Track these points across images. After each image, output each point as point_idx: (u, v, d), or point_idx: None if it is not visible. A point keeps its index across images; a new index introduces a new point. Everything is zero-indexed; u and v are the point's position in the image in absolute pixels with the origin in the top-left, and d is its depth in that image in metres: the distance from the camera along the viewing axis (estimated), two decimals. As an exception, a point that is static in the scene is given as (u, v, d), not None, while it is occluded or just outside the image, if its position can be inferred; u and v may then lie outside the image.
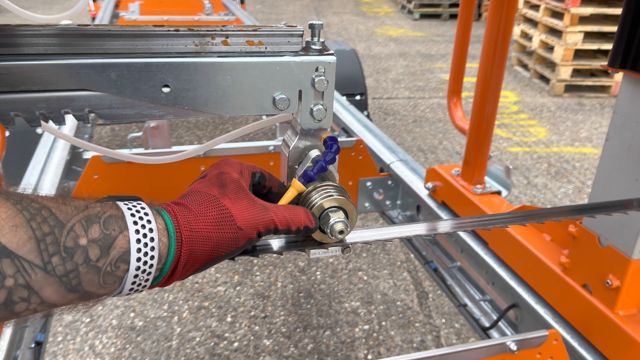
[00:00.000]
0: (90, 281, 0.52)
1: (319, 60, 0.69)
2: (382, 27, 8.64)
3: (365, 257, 2.87)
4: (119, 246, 0.53)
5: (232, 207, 0.62)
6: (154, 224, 0.56)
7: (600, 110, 5.04)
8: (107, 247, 0.52)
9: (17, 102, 0.59)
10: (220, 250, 0.60)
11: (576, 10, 5.07)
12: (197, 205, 0.61)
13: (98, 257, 0.52)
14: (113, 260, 0.53)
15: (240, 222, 0.61)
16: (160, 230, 0.57)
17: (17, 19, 5.47)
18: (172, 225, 0.58)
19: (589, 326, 1.18)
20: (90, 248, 0.51)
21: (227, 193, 0.63)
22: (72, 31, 0.59)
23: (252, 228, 0.62)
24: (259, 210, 0.64)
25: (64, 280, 0.51)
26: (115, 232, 0.53)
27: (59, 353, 2.17)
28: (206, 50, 0.65)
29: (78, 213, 0.52)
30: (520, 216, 0.89)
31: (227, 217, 0.61)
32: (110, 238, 0.53)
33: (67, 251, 0.50)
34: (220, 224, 0.60)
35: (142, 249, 0.55)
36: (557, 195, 3.50)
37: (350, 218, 0.71)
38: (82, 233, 0.51)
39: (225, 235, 0.60)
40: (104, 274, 0.53)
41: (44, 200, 0.51)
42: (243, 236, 0.61)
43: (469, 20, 1.73)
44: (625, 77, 1.08)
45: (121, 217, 0.55)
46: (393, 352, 2.23)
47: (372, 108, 4.95)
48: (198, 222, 0.59)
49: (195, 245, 0.58)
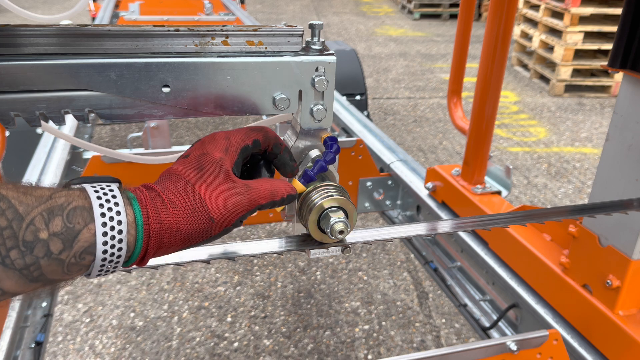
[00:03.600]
0: (53, 272, 0.51)
1: (319, 60, 0.69)
2: (382, 27, 8.63)
3: (365, 257, 2.87)
4: (83, 239, 0.51)
5: (207, 195, 0.59)
6: (124, 216, 0.54)
7: (600, 110, 5.04)
8: (70, 241, 0.50)
9: (17, 102, 0.59)
10: (191, 241, 0.59)
11: (576, 10, 5.06)
12: (169, 194, 0.58)
13: (60, 250, 0.50)
14: (77, 252, 0.51)
15: (214, 211, 0.59)
16: (129, 223, 0.55)
17: (17, 19, 5.47)
18: (141, 218, 0.55)
19: (589, 326, 1.18)
20: (51, 242, 0.50)
21: (205, 177, 0.60)
22: (72, 31, 0.59)
23: (228, 216, 0.60)
24: (238, 194, 0.61)
25: (25, 273, 0.49)
26: (80, 225, 0.51)
27: (59, 353, 2.17)
28: (206, 50, 0.65)
29: (39, 205, 0.50)
30: (520, 216, 0.89)
31: (199, 208, 0.58)
32: (74, 231, 0.51)
33: (27, 245, 0.48)
34: (191, 215, 0.58)
35: (109, 241, 0.53)
36: (557, 195, 3.50)
37: (350, 218, 0.71)
38: (43, 226, 0.49)
39: (197, 227, 0.58)
40: (68, 265, 0.51)
41: (4, 190, 0.49)
42: (216, 227, 0.59)
43: (469, 20, 1.73)
44: (625, 77, 1.08)
45: (87, 209, 0.52)
46: (393, 352, 2.23)
47: (372, 108, 4.95)
48: (169, 213, 0.57)
49: (165, 236, 0.57)
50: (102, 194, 0.54)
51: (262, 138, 0.67)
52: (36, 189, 0.51)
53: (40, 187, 0.52)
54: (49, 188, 0.52)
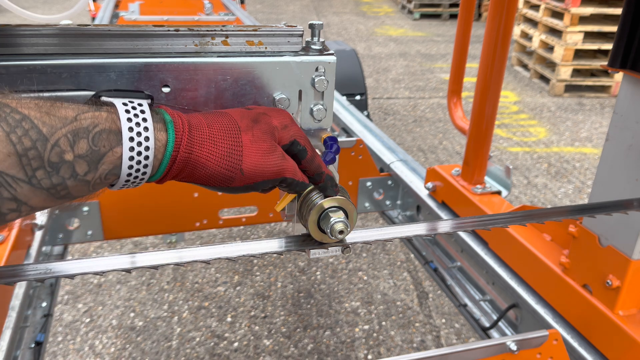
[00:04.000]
0: (79, 191, 0.51)
1: (319, 60, 0.69)
2: (382, 27, 8.63)
3: (365, 257, 2.87)
4: (108, 162, 0.51)
5: (247, 146, 0.59)
6: (152, 141, 0.53)
7: (600, 110, 5.04)
8: (95, 163, 0.50)
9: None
10: (211, 182, 0.59)
11: (576, 10, 5.06)
12: (214, 130, 0.58)
13: (86, 172, 0.50)
14: (102, 174, 0.51)
15: (246, 164, 0.59)
16: (158, 148, 0.54)
17: (17, 19, 5.47)
18: (173, 145, 0.55)
19: (589, 326, 1.18)
20: (76, 163, 0.49)
21: (254, 130, 0.60)
22: (72, 31, 0.59)
23: (255, 175, 0.60)
24: (275, 159, 0.61)
25: (52, 192, 0.49)
26: (105, 148, 0.51)
27: (59, 353, 2.17)
28: (206, 50, 0.65)
29: (64, 126, 0.49)
30: (520, 216, 0.89)
31: (235, 155, 0.58)
32: (99, 154, 0.50)
33: (52, 165, 0.48)
34: (224, 158, 0.58)
35: (135, 165, 0.53)
36: (557, 195, 3.50)
37: (350, 218, 0.71)
38: (68, 148, 0.49)
39: (224, 172, 0.58)
40: (93, 184, 0.52)
41: (26, 109, 0.48)
42: (240, 180, 0.59)
43: (469, 20, 1.73)
44: (625, 77, 1.08)
45: (115, 132, 0.51)
46: (393, 352, 2.23)
47: (372, 108, 4.95)
48: (203, 146, 0.57)
49: (187, 167, 0.57)
50: (132, 115, 0.53)
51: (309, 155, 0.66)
52: (60, 108, 0.50)
53: (65, 105, 0.50)
54: (74, 107, 0.51)
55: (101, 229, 1.65)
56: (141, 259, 0.69)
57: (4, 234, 1.27)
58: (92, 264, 0.67)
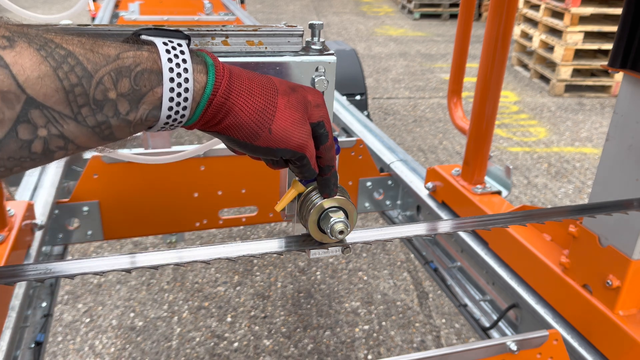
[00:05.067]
0: (121, 131, 0.52)
1: (319, 60, 0.69)
2: (382, 27, 8.63)
3: (365, 257, 2.87)
4: (148, 102, 0.52)
5: (281, 109, 0.60)
6: (191, 83, 0.54)
7: (601, 110, 5.04)
8: (136, 102, 0.51)
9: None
10: (238, 133, 0.59)
11: (576, 10, 5.06)
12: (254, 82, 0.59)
13: (128, 111, 0.51)
14: (143, 114, 0.52)
15: (275, 125, 0.59)
16: (197, 90, 0.55)
17: (17, 19, 5.46)
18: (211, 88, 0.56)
19: (589, 326, 1.18)
20: (119, 102, 0.50)
21: (290, 97, 0.61)
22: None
23: (281, 139, 0.60)
24: (302, 132, 0.62)
25: (97, 131, 0.50)
26: (146, 87, 0.51)
27: (59, 353, 2.17)
28: (206, 50, 0.65)
29: (107, 64, 0.49)
30: (521, 216, 0.89)
31: (268, 112, 0.59)
32: (140, 94, 0.51)
33: (97, 103, 0.49)
34: (256, 112, 0.58)
35: (174, 107, 0.53)
36: (557, 195, 3.50)
37: (350, 218, 0.71)
38: (111, 86, 0.49)
39: (252, 124, 0.58)
40: (135, 125, 0.52)
41: (70, 45, 0.48)
42: (266, 138, 0.60)
43: (469, 20, 1.73)
44: (626, 77, 1.08)
45: (156, 72, 0.52)
46: (393, 352, 2.23)
47: (372, 108, 4.95)
48: (240, 95, 0.57)
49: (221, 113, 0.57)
50: (173, 55, 0.53)
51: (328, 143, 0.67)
52: (102, 46, 0.50)
53: (106, 43, 0.51)
54: (116, 45, 0.51)
55: (101, 229, 1.65)
56: (141, 259, 0.69)
57: (4, 234, 1.27)
58: (92, 264, 0.67)
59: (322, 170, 0.68)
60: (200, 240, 2.89)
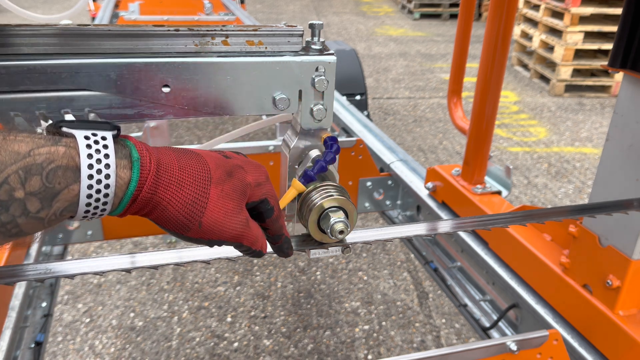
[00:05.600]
0: (32, 228, 0.49)
1: (319, 60, 0.69)
2: (382, 27, 8.63)
3: (365, 257, 2.87)
4: (63, 199, 0.49)
5: (213, 201, 0.57)
6: (113, 179, 0.50)
7: (601, 110, 5.04)
8: (49, 200, 0.48)
9: (17, 102, 0.59)
10: (167, 225, 0.56)
11: (576, 10, 5.06)
12: (184, 174, 0.56)
13: (39, 210, 0.48)
14: (57, 211, 0.49)
15: (206, 218, 0.57)
16: (119, 186, 0.52)
17: (17, 19, 5.46)
18: (135, 185, 0.53)
19: (589, 326, 1.18)
20: (28, 201, 0.47)
21: (225, 185, 0.58)
22: (72, 31, 0.59)
23: (212, 232, 0.58)
24: (237, 223, 0.59)
25: (2, 230, 0.47)
26: (61, 185, 0.48)
27: (58, 353, 2.17)
28: (206, 50, 0.65)
29: (15, 162, 0.46)
30: (521, 216, 0.89)
31: (198, 206, 0.56)
32: (54, 191, 0.48)
33: (1, 204, 0.46)
34: (186, 207, 0.56)
35: (93, 203, 0.50)
36: (557, 195, 3.50)
37: (350, 218, 0.71)
38: (18, 185, 0.46)
39: (182, 220, 0.56)
40: (48, 221, 0.49)
41: None
42: (195, 232, 0.57)
43: (469, 20, 1.73)
44: (626, 77, 1.08)
45: (72, 169, 0.49)
46: (393, 352, 2.23)
47: (372, 108, 4.95)
48: (168, 189, 0.54)
49: (148, 207, 0.55)
50: (94, 150, 0.50)
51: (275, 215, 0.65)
52: (13, 142, 0.47)
53: (19, 138, 0.47)
54: (29, 140, 0.48)
55: (101, 229, 1.65)
56: (141, 259, 0.69)
57: (4, 234, 1.26)
58: (92, 264, 0.67)
59: (273, 240, 0.68)
60: (200, 240, 2.89)
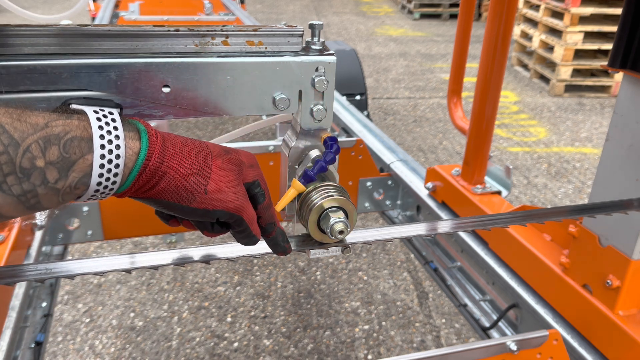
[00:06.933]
0: (49, 200, 0.51)
1: (319, 60, 0.69)
2: (382, 27, 8.63)
3: (365, 257, 2.87)
4: (78, 169, 0.51)
5: (216, 171, 0.60)
6: (123, 149, 0.53)
7: (601, 110, 5.04)
8: (66, 170, 0.50)
9: (17, 102, 0.59)
10: (173, 196, 0.58)
11: (576, 10, 5.06)
12: (188, 147, 0.60)
13: (57, 180, 0.50)
14: (73, 182, 0.51)
15: (211, 186, 0.60)
16: (129, 156, 0.55)
17: (17, 19, 5.46)
18: (145, 154, 0.55)
19: (589, 326, 1.18)
20: (47, 170, 0.49)
21: (225, 159, 0.62)
22: (72, 31, 0.59)
23: (217, 201, 0.60)
24: (237, 192, 0.62)
25: (22, 200, 0.49)
26: (76, 155, 0.51)
27: (59, 353, 2.17)
28: (206, 50, 0.65)
29: (35, 132, 0.49)
30: (520, 216, 0.89)
31: (203, 173, 0.59)
32: (70, 161, 0.51)
33: (24, 171, 0.48)
34: (191, 174, 0.58)
35: (105, 174, 0.53)
36: (557, 195, 3.50)
37: (350, 218, 0.71)
38: (39, 154, 0.49)
39: (187, 186, 0.58)
40: (64, 194, 0.52)
41: None
42: (202, 200, 0.59)
43: (469, 20, 1.73)
44: (626, 77, 1.08)
45: (86, 139, 0.52)
46: (393, 352, 2.23)
47: (372, 108, 4.95)
48: (174, 159, 0.57)
49: (155, 177, 0.57)
50: (104, 123, 0.53)
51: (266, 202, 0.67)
52: (30, 115, 0.50)
53: (35, 113, 0.51)
54: (44, 114, 0.51)
55: (101, 229, 1.65)
56: (141, 259, 0.69)
57: (4, 234, 1.27)
58: (92, 264, 0.67)
59: (265, 230, 0.69)
60: (200, 240, 2.89)
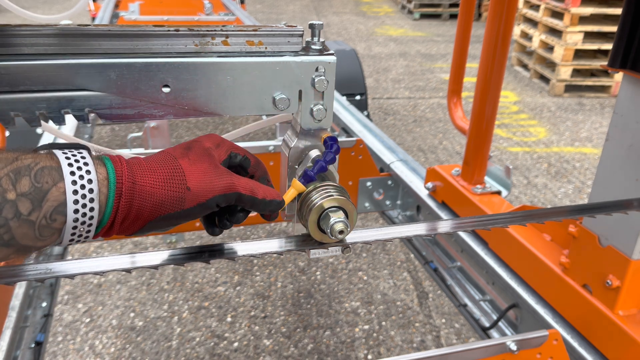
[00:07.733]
0: (24, 235, 0.51)
1: (319, 60, 0.69)
2: (382, 27, 8.63)
3: (365, 257, 2.87)
4: (52, 198, 0.51)
5: (187, 168, 0.60)
6: (94, 174, 0.53)
7: (600, 110, 5.04)
8: (39, 200, 0.50)
9: (17, 102, 0.59)
10: (164, 209, 0.58)
11: (576, 10, 5.06)
12: (151, 162, 0.59)
13: (30, 211, 0.50)
14: (47, 212, 0.51)
15: (191, 182, 0.59)
16: (101, 181, 0.54)
17: (17, 19, 5.46)
18: (114, 176, 0.55)
19: (589, 326, 1.18)
20: (19, 202, 0.49)
21: (189, 155, 0.62)
22: (72, 31, 0.59)
23: (204, 191, 0.60)
24: (218, 175, 0.62)
25: None
26: (48, 184, 0.51)
27: (59, 353, 2.17)
28: (206, 50, 0.65)
29: (5, 166, 0.49)
30: (520, 216, 0.89)
31: (177, 175, 0.59)
32: (42, 191, 0.50)
33: None
34: (168, 181, 0.58)
35: (80, 200, 0.52)
36: (557, 195, 3.50)
37: (350, 218, 0.71)
38: (10, 187, 0.49)
39: (170, 193, 0.58)
40: (40, 227, 0.51)
41: None
42: (191, 198, 0.59)
43: (469, 20, 1.73)
44: (625, 77, 1.08)
45: (56, 168, 0.52)
46: (393, 352, 2.23)
47: (372, 108, 4.95)
48: (144, 176, 0.57)
49: (136, 199, 0.56)
50: (70, 155, 0.54)
51: (254, 162, 0.69)
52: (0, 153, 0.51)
53: (4, 151, 0.51)
54: (14, 151, 0.52)
55: (101, 229, 1.64)
56: (141, 259, 0.69)
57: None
58: (92, 264, 0.67)
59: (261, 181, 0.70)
60: (200, 240, 2.89)
